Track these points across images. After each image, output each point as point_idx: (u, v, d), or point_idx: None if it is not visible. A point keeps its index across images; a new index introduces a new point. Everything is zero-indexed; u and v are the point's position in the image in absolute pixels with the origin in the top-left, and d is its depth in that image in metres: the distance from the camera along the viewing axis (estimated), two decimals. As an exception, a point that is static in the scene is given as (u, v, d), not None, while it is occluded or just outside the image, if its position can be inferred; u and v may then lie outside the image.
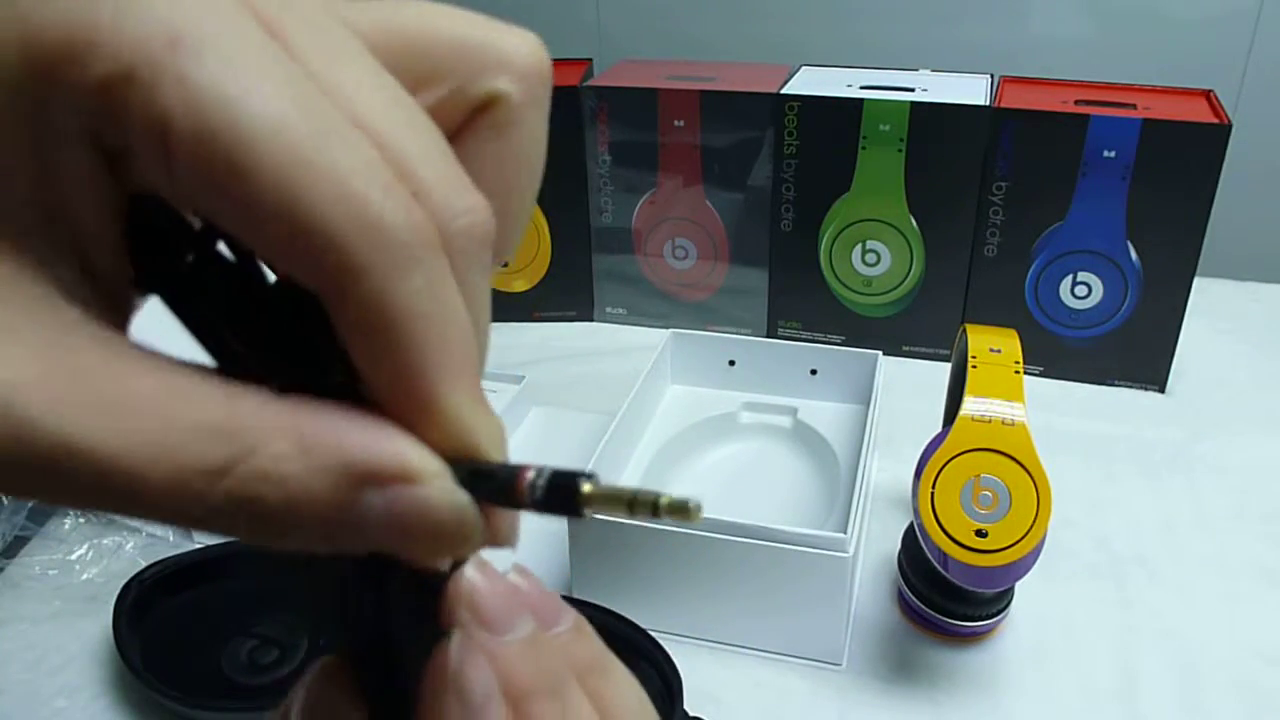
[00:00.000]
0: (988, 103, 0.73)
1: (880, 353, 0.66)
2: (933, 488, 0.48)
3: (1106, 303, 0.75)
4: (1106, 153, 0.69)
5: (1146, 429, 0.72)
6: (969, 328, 0.55)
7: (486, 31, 0.18)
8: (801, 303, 0.82)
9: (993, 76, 0.79)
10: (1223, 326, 0.84)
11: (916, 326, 0.80)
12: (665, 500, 0.17)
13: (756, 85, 0.77)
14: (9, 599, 0.58)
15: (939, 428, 0.57)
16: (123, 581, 0.53)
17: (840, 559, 0.49)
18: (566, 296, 0.87)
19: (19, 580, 0.59)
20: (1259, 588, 0.58)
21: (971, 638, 0.54)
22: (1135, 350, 0.76)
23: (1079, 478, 0.67)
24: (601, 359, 0.82)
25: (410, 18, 0.18)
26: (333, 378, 0.18)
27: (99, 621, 0.54)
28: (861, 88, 0.76)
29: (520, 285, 0.86)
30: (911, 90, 0.74)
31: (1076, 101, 0.72)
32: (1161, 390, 0.77)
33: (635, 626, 0.50)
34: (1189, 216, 0.70)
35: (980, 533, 0.47)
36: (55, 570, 0.59)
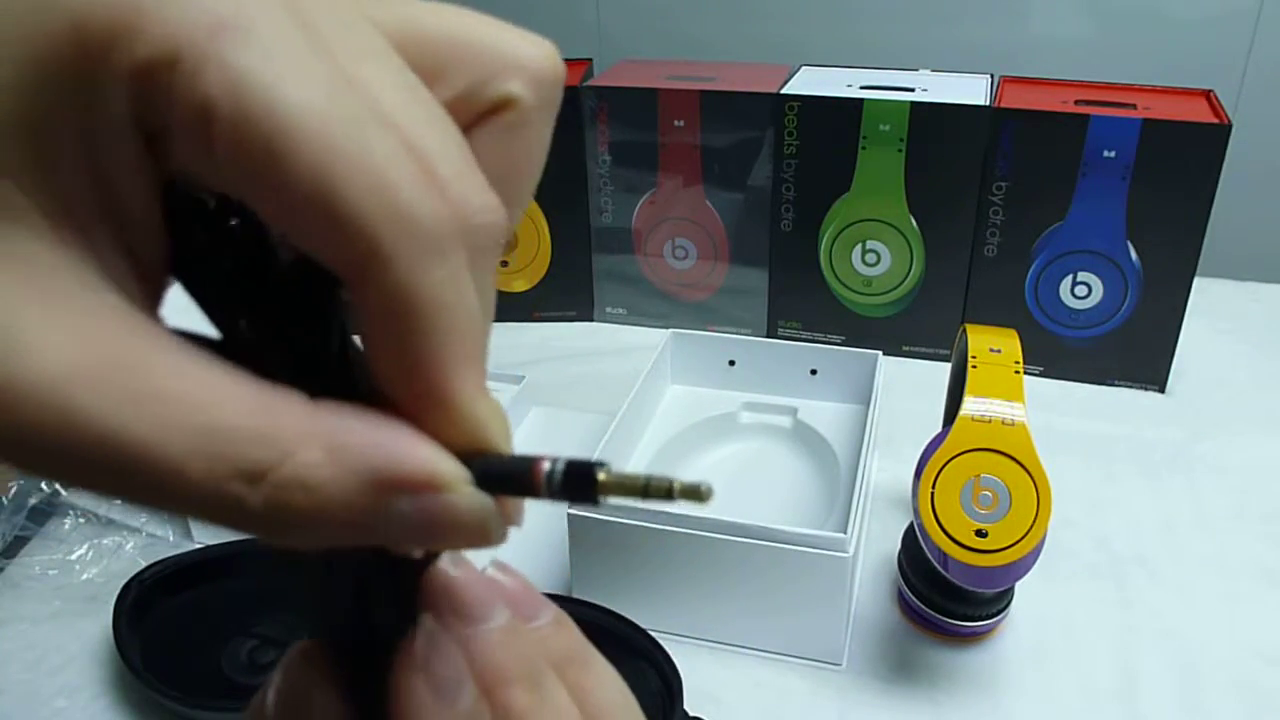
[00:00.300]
0: (988, 103, 0.73)
1: (880, 353, 0.66)
2: (933, 488, 0.48)
3: (1106, 303, 0.75)
4: (1106, 153, 0.69)
5: (1146, 429, 0.72)
6: (969, 328, 0.55)
7: (503, 35, 0.19)
8: (801, 303, 0.82)
9: (993, 76, 0.79)
10: (1223, 326, 0.84)
11: (916, 326, 0.80)
12: (678, 484, 0.17)
13: (756, 85, 0.77)
14: (9, 599, 0.58)
15: (939, 428, 0.57)
16: (123, 581, 0.53)
17: (840, 559, 0.49)
18: (566, 296, 0.87)
19: (19, 580, 0.59)
20: (1259, 588, 0.58)
21: (971, 638, 0.54)
22: (1135, 350, 0.76)
23: (1079, 478, 0.67)
24: (601, 359, 0.83)
25: (430, 18, 0.18)
26: (330, 367, 0.18)
27: (99, 621, 0.54)
28: (861, 88, 0.76)
29: (520, 285, 0.86)
30: (911, 90, 0.74)
31: (1076, 101, 0.72)
32: (1161, 390, 0.77)
33: (635, 626, 0.50)
34: (1189, 216, 0.70)
35: (980, 533, 0.47)
36: (55, 570, 0.59)
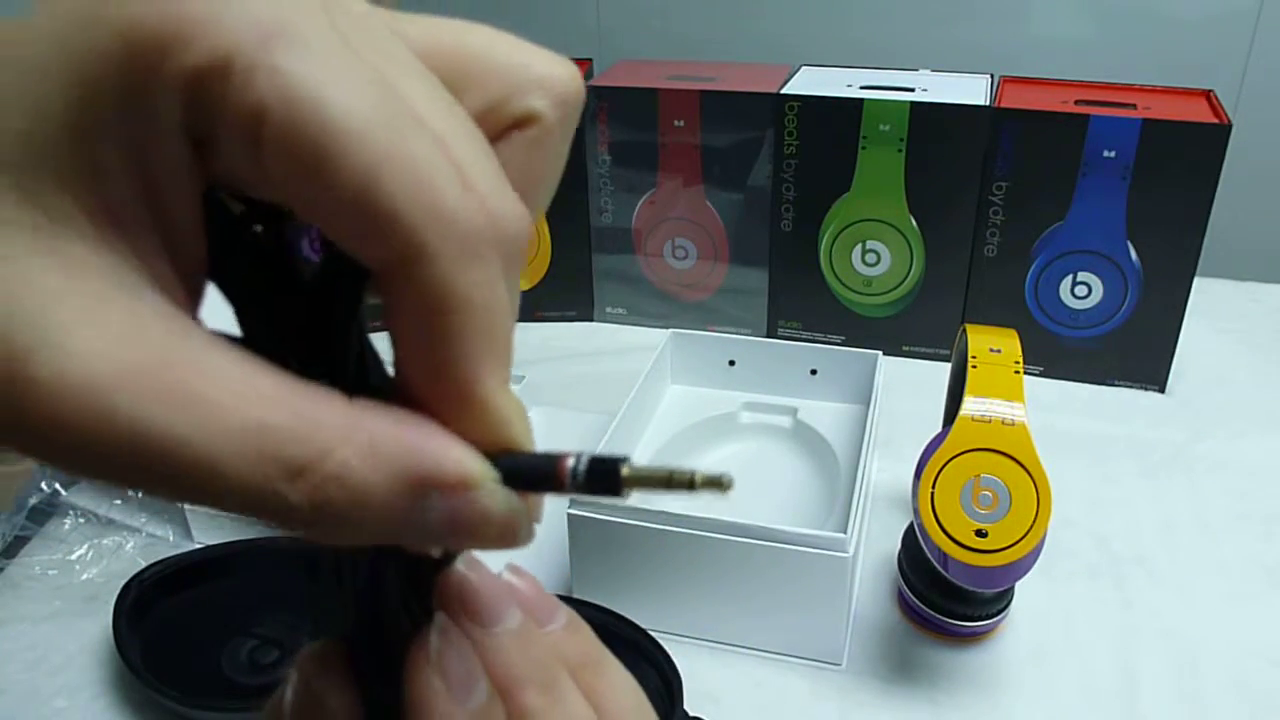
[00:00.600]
0: (988, 103, 0.73)
1: (880, 353, 0.66)
2: (933, 488, 0.48)
3: (1106, 303, 0.75)
4: (1106, 153, 0.69)
5: (1146, 429, 0.72)
6: (969, 328, 0.55)
7: (527, 53, 0.20)
8: (801, 303, 0.82)
9: (993, 76, 0.79)
10: (1223, 326, 0.84)
11: (916, 326, 0.80)
12: (700, 475, 0.18)
13: (756, 85, 0.77)
14: (9, 599, 0.58)
15: (939, 428, 0.57)
16: (123, 581, 0.53)
17: (840, 559, 0.49)
18: (566, 296, 0.87)
19: (19, 580, 0.59)
20: (1259, 588, 0.58)
21: (971, 638, 0.54)
22: (1135, 350, 0.76)
23: (1079, 478, 0.67)
24: (601, 359, 0.83)
25: (457, 34, 0.19)
26: (350, 369, 0.19)
27: (99, 621, 0.54)
28: (861, 88, 0.76)
29: (521, 285, 0.86)
30: (911, 90, 0.74)
31: (1076, 101, 0.72)
32: (1161, 390, 0.77)
33: (635, 626, 0.50)
34: (1189, 216, 0.70)
35: (980, 533, 0.47)
36: (55, 570, 0.59)
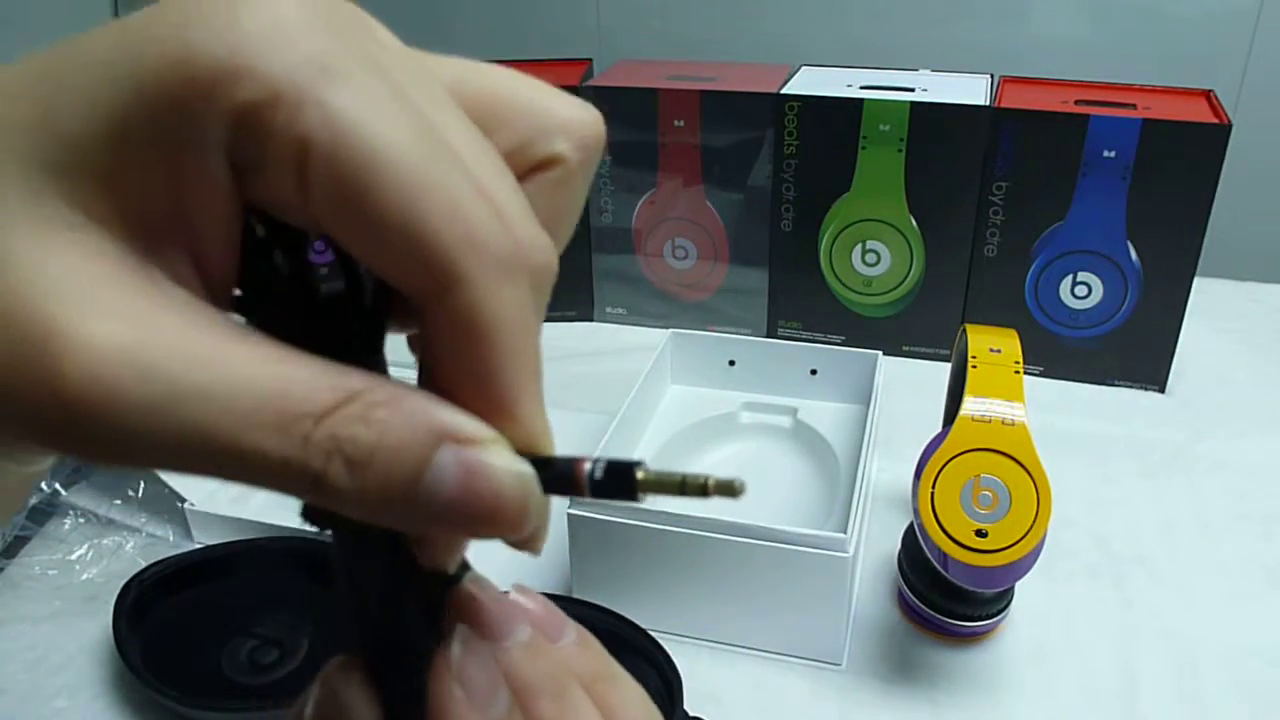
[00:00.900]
0: (988, 103, 0.73)
1: (880, 353, 0.66)
2: (933, 488, 0.48)
3: (1106, 303, 0.75)
4: (1106, 153, 0.69)
5: (1146, 429, 0.72)
6: (969, 328, 0.55)
7: (552, 98, 0.21)
8: (801, 303, 0.82)
9: (993, 76, 0.79)
10: (1223, 326, 0.84)
11: (916, 326, 0.80)
12: (713, 481, 0.19)
13: (756, 85, 0.77)
14: (9, 599, 0.58)
15: (939, 428, 0.57)
16: (123, 581, 0.53)
17: (840, 559, 0.49)
18: (566, 296, 0.87)
19: (19, 580, 0.59)
20: (1259, 588, 0.58)
21: (971, 638, 0.54)
22: (1135, 350, 0.76)
23: (1079, 478, 0.67)
24: (601, 359, 0.82)
25: (487, 76, 0.20)
26: None
27: (99, 621, 0.54)
28: (861, 88, 0.76)
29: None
30: (911, 90, 0.74)
31: (1076, 101, 0.72)
32: (1161, 390, 0.77)
33: (635, 626, 0.50)
34: (1189, 216, 0.70)
35: (980, 533, 0.47)
36: (55, 570, 0.59)
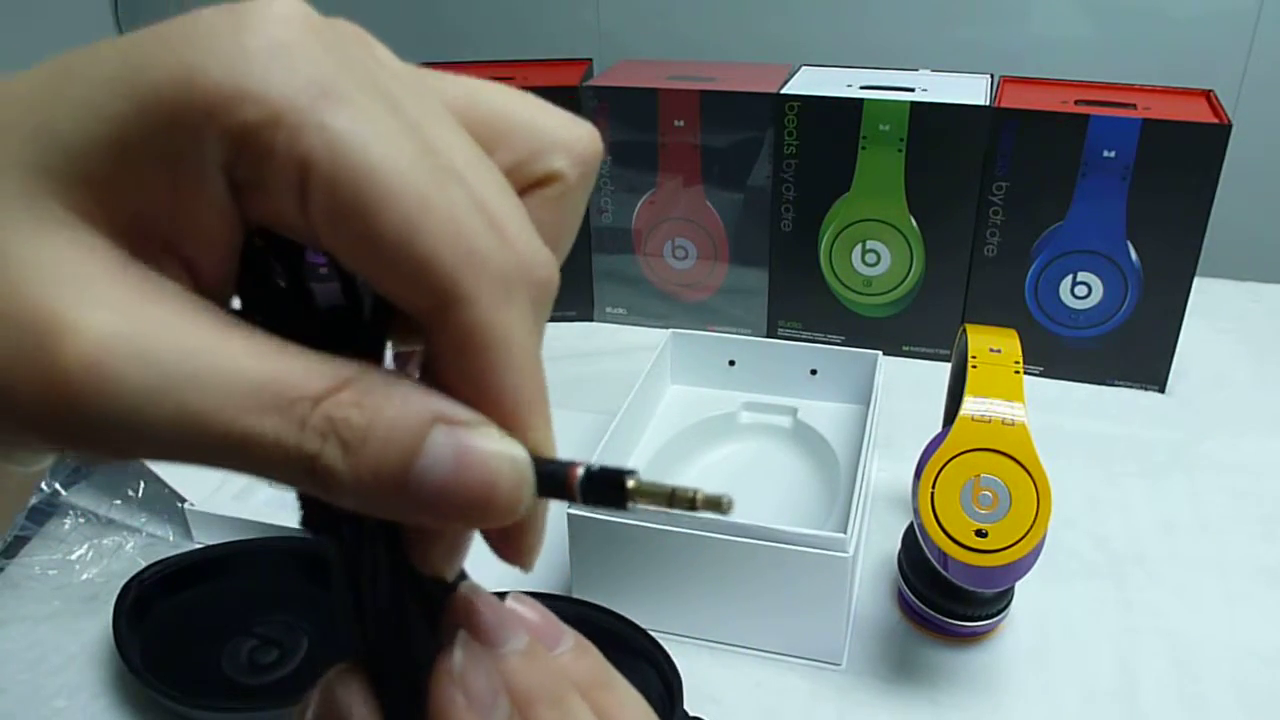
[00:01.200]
0: (988, 103, 0.73)
1: (880, 353, 0.66)
2: (933, 488, 0.48)
3: (1106, 303, 0.75)
4: (1106, 153, 0.69)
5: (1146, 429, 0.72)
6: (969, 328, 0.55)
7: (551, 116, 0.21)
8: (801, 303, 0.82)
9: (993, 76, 0.79)
10: (1223, 326, 0.84)
11: (916, 326, 0.80)
12: (701, 495, 0.19)
13: (756, 85, 0.77)
14: (9, 599, 0.58)
15: (939, 428, 0.57)
16: (123, 581, 0.53)
17: (840, 559, 0.49)
18: (566, 296, 0.86)
19: (19, 580, 0.59)
20: (1259, 588, 0.58)
21: (971, 638, 0.54)
22: (1135, 350, 0.76)
23: (1079, 478, 0.67)
24: (601, 359, 0.83)
25: (486, 95, 0.21)
26: None
27: (99, 621, 0.54)
28: (861, 88, 0.76)
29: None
30: (911, 90, 0.74)
31: (1076, 101, 0.72)
32: (1161, 390, 0.77)
33: (635, 626, 0.50)
34: (1189, 216, 0.70)
35: (980, 533, 0.47)
36: (55, 570, 0.59)
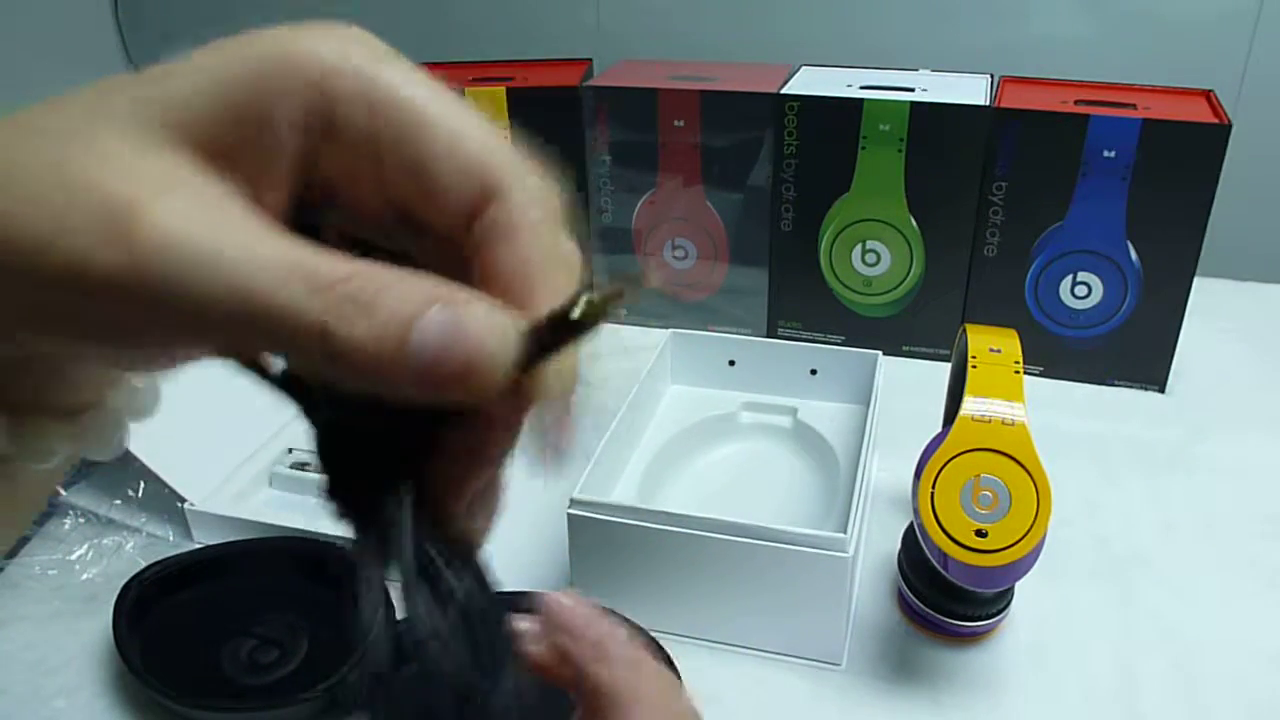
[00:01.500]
0: (988, 103, 0.73)
1: (880, 353, 0.66)
2: (933, 488, 0.48)
3: (1106, 303, 0.75)
4: (1106, 153, 0.69)
5: (1146, 429, 0.72)
6: (969, 328, 0.55)
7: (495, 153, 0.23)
8: (801, 303, 0.82)
9: (993, 76, 0.78)
10: (1223, 326, 0.84)
11: (916, 326, 0.80)
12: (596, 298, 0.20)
13: (756, 85, 0.77)
14: (9, 599, 0.58)
15: (939, 428, 0.57)
16: (123, 581, 0.54)
17: (840, 559, 0.49)
18: (566, 296, 0.87)
19: (19, 580, 0.59)
20: (1259, 588, 0.58)
21: (971, 638, 0.54)
22: (1135, 350, 0.76)
23: (1079, 478, 0.67)
24: (601, 359, 0.83)
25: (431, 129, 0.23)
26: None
27: (99, 621, 0.54)
28: (861, 88, 0.76)
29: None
30: (911, 90, 0.74)
31: (1076, 101, 0.72)
32: (1161, 390, 0.77)
33: (635, 626, 0.50)
34: (1189, 216, 0.70)
35: (980, 533, 0.47)
36: (55, 570, 0.59)
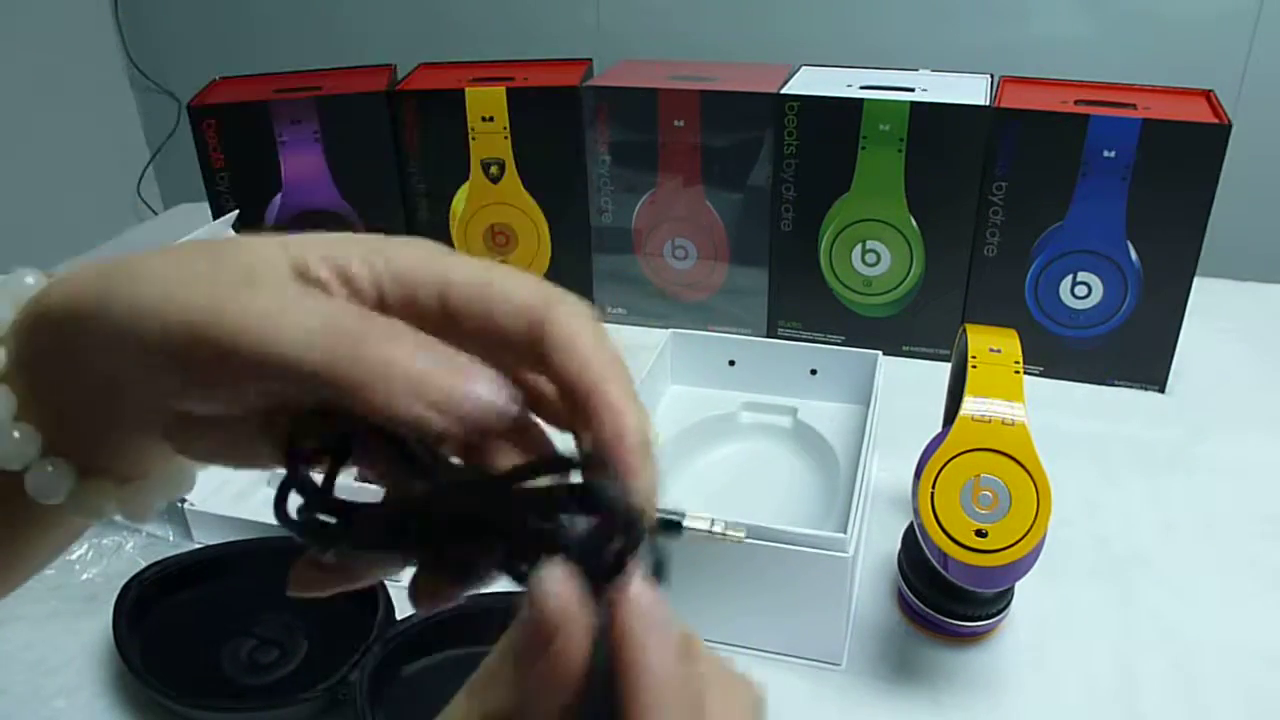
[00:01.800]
0: (988, 103, 0.73)
1: (880, 353, 0.66)
2: (933, 488, 0.48)
3: (1106, 303, 0.75)
4: (1106, 153, 0.69)
5: (1146, 429, 0.72)
6: (969, 328, 0.55)
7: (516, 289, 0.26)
8: (801, 303, 0.82)
9: (993, 76, 0.79)
10: (1223, 326, 0.84)
11: (916, 326, 0.80)
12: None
13: (756, 85, 0.77)
14: (9, 599, 0.57)
15: (939, 428, 0.57)
16: (123, 581, 0.54)
17: (840, 559, 0.49)
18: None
19: (19, 580, 0.59)
20: (1259, 588, 0.58)
21: (971, 638, 0.54)
22: (1135, 350, 0.76)
23: (1079, 478, 0.67)
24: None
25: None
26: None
27: (99, 621, 0.54)
28: (861, 88, 0.76)
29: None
30: (911, 90, 0.74)
31: (1076, 101, 0.72)
32: (1161, 390, 0.77)
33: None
34: (1189, 216, 0.70)
35: (980, 533, 0.47)
36: (55, 570, 0.59)
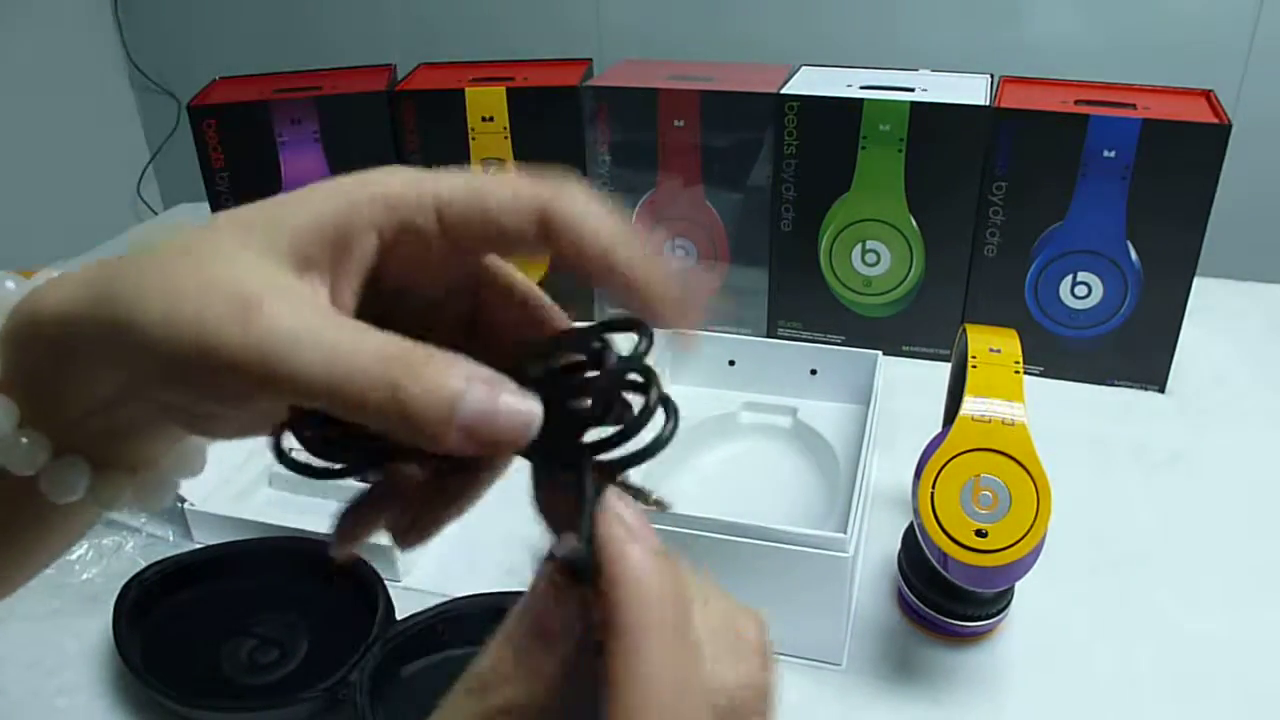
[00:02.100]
0: (988, 103, 0.73)
1: (880, 353, 0.66)
2: (933, 488, 0.48)
3: (1106, 303, 0.75)
4: (1106, 153, 0.69)
5: (1146, 429, 0.72)
6: (969, 328, 0.55)
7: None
8: (801, 303, 0.82)
9: (993, 76, 0.79)
10: (1223, 326, 0.84)
11: (916, 326, 0.80)
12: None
13: (756, 85, 0.77)
14: (9, 599, 0.58)
15: (939, 428, 0.57)
16: (123, 581, 0.54)
17: (840, 559, 0.49)
18: (567, 296, 0.87)
19: (19, 580, 0.59)
20: (1259, 587, 0.58)
21: (971, 638, 0.54)
22: (1135, 350, 0.76)
23: (1079, 478, 0.67)
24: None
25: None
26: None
27: (99, 621, 0.54)
28: (861, 88, 0.76)
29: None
30: (911, 90, 0.74)
31: (1076, 101, 0.72)
32: (1161, 390, 0.77)
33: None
34: (1189, 216, 0.70)
35: (980, 533, 0.47)
36: (55, 570, 0.59)
